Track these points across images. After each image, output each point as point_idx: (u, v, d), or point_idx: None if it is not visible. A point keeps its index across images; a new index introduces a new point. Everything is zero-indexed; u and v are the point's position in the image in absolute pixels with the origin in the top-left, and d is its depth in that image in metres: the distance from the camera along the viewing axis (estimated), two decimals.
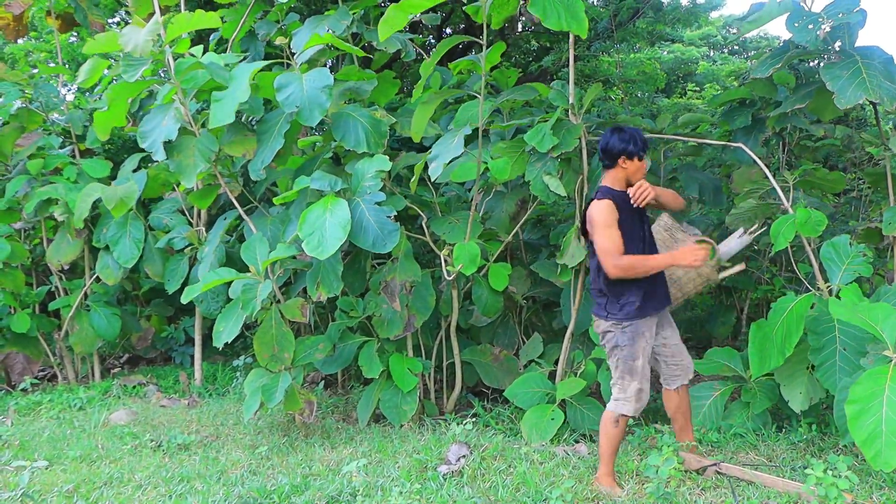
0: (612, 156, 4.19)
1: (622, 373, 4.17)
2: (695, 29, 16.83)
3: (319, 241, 4.77)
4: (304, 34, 5.97)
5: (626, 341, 4.13)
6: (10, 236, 7.08)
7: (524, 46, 13.01)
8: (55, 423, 6.09)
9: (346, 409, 6.37)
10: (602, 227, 4.03)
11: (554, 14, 4.25)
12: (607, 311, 4.18)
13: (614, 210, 4.06)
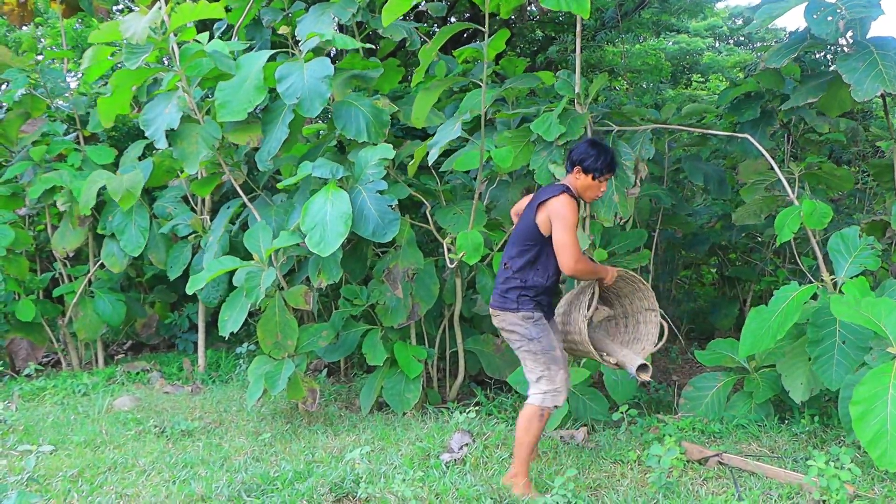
0: (572, 161, 4.16)
1: (546, 364, 4.03)
2: (700, 20, 16.75)
3: (321, 236, 4.79)
4: (309, 22, 5.96)
5: (539, 332, 4.04)
6: (14, 223, 7.08)
7: (529, 36, 12.96)
8: (59, 409, 6.11)
9: (349, 397, 6.39)
10: (568, 223, 3.93)
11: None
12: (518, 303, 4.06)
13: (576, 210, 4.01)
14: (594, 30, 11.74)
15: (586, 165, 4.09)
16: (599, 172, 4.10)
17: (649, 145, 5.36)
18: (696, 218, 8.10)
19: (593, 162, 4.08)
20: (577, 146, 4.19)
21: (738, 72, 14.95)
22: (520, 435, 4.03)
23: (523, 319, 4.05)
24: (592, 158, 4.08)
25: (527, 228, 4.10)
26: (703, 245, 8.00)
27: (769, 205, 6.18)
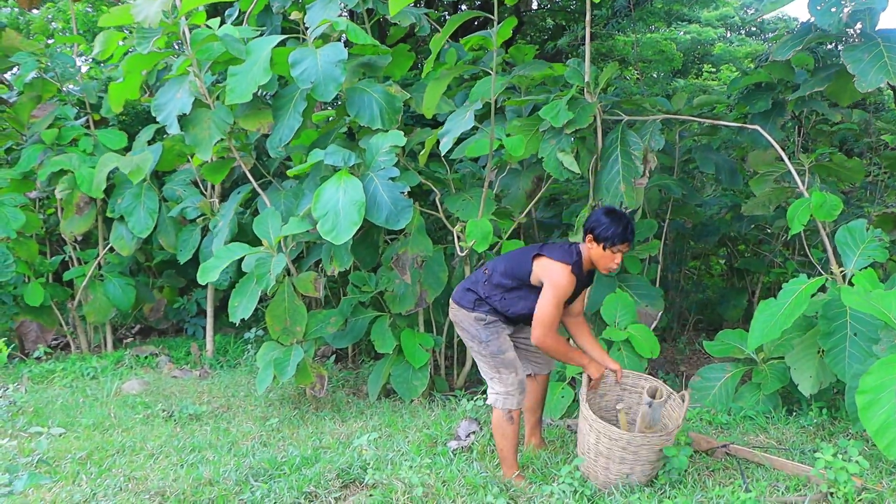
0: (585, 229, 3.99)
1: (496, 367, 3.99)
2: (712, 9, 16.67)
3: (334, 224, 4.77)
4: (319, 8, 5.94)
5: (489, 336, 4.00)
6: (24, 206, 7.10)
7: (539, 24, 12.93)
8: (68, 392, 6.15)
9: (357, 384, 6.41)
10: (554, 293, 3.84)
11: None
12: (474, 305, 4.03)
13: (572, 286, 3.92)
14: (605, 19, 11.68)
15: (597, 234, 3.88)
16: (611, 242, 3.86)
17: (659, 136, 5.35)
18: (706, 209, 8.08)
19: (604, 230, 3.85)
20: (593, 213, 4.01)
21: (749, 62, 14.87)
22: (497, 440, 4.05)
23: (475, 321, 4.02)
24: (604, 227, 3.86)
25: (523, 266, 4.00)
26: (713, 236, 7.97)
27: (779, 196, 6.15)
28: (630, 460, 3.85)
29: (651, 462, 3.90)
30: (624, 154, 5.22)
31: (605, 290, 5.70)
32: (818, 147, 7.23)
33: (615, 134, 5.30)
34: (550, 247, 4.04)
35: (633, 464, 3.86)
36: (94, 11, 11.81)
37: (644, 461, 3.87)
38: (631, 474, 3.86)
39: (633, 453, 3.83)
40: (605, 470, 3.89)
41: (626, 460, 3.85)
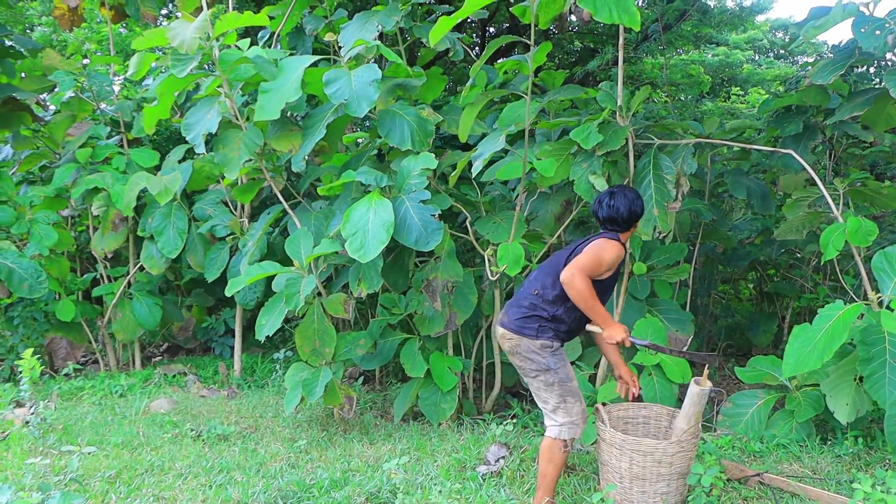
0: (636, 217, 4.12)
1: (562, 396, 3.91)
2: (740, 32, 16.60)
3: (362, 242, 4.77)
4: (353, 30, 5.98)
5: (557, 363, 3.92)
6: (56, 224, 7.17)
7: (567, 47, 12.93)
8: (97, 409, 6.17)
9: (384, 406, 6.39)
10: (598, 255, 3.89)
11: (605, 9, 4.20)
12: (538, 332, 3.93)
13: (619, 259, 3.96)
14: (635, 42, 11.67)
15: (637, 211, 4.11)
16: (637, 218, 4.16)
17: (691, 160, 5.31)
18: (736, 233, 8.02)
19: (640, 207, 4.13)
20: (627, 205, 4.09)
21: (778, 85, 14.80)
22: (543, 466, 3.94)
23: (541, 349, 3.92)
24: (638, 205, 4.11)
25: (560, 263, 3.99)
26: (743, 260, 7.91)
27: (812, 221, 6.09)
28: (666, 475, 3.82)
29: (683, 475, 3.89)
30: (656, 178, 5.19)
31: (636, 314, 5.67)
32: (849, 170, 7.16)
33: (647, 158, 5.28)
34: (585, 239, 4.08)
35: (669, 479, 3.83)
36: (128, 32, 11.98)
37: (678, 474, 3.84)
38: (668, 493, 3.83)
39: (669, 465, 3.81)
40: (641, 494, 3.86)
41: (663, 476, 3.82)
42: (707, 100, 14.76)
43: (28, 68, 7.70)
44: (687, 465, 3.89)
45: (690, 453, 3.90)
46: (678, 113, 11.36)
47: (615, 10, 4.17)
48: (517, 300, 4.08)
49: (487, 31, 12.69)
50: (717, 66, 15.24)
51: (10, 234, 6.98)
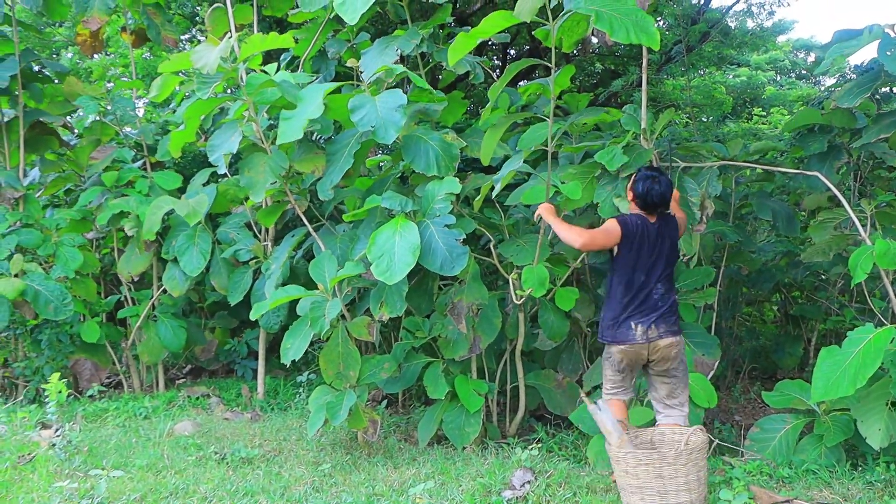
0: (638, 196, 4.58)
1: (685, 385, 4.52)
2: (761, 53, 16.59)
3: (388, 264, 4.79)
4: (374, 54, 6.03)
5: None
6: (82, 246, 7.23)
7: (588, 69, 12.96)
8: (121, 431, 6.18)
9: (408, 429, 6.37)
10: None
11: (622, 29, 4.20)
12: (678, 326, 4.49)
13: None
14: (659, 64, 11.68)
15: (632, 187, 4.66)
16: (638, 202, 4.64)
17: (716, 182, 5.30)
18: (761, 255, 7.97)
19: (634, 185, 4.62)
20: (668, 187, 4.53)
21: (800, 105, 14.75)
22: None
23: (681, 339, 4.49)
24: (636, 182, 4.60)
25: (674, 247, 4.60)
26: (768, 282, 7.86)
27: (838, 243, 6.04)
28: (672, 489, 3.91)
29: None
30: (681, 200, 5.17)
31: None
32: (875, 192, 7.10)
33: (672, 180, 5.26)
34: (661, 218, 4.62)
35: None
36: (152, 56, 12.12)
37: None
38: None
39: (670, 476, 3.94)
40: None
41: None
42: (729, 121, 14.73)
43: (51, 94, 7.80)
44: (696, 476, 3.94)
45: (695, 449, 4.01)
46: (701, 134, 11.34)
47: (633, 30, 4.17)
48: (661, 305, 4.44)
49: (508, 53, 12.75)
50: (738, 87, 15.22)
51: (37, 256, 7.04)
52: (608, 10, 4.21)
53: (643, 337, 4.37)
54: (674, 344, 4.39)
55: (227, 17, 6.60)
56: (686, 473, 3.93)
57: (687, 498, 3.91)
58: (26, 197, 7.37)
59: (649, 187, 4.46)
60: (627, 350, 4.42)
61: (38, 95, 7.60)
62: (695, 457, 3.98)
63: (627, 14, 4.21)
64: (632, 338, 4.39)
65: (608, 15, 4.20)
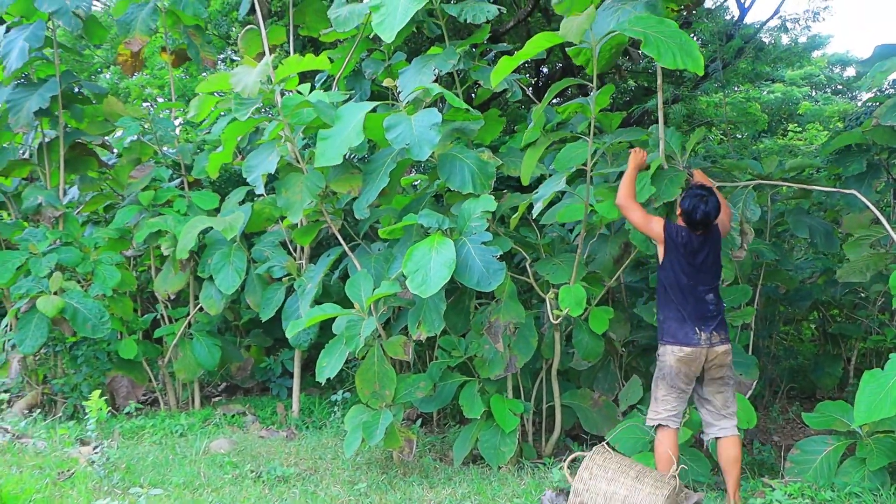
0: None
1: (734, 394, 4.66)
2: (796, 68, 16.45)
3: (423, 278, 4.82)
4: (411, 74, 6.05)
5: None
6: (119, 264, 7.31)
7: (621, 86, 12.93)
8: (158, 449, 6.22)
9: (443, 448, 6.35)
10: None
11: (668, 53, 4.21)
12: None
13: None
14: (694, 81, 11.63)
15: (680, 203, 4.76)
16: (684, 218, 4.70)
17: (754, 205, 5.26)
18: (798, 273, 7.88)
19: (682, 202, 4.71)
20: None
21: (837, 121, 14.60)
22: (738, 462, 4.55)
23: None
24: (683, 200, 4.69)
25: (717, 259, 4.71)
26: (806, 301, 7.76)
27: (877, 262, 5.96)
28: None
29: None
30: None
31: None
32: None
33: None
34: (709, 230, 4.70)
35: None
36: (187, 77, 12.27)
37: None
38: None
39: None
40: None
41: None
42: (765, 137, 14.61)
43: (91, 114, 7.93)
44: None
45: None
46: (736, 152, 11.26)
47: (679, 54, 4.18)
48: (714, 312, 4.58)
49: (541, 70, 12.75)
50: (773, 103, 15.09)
51: (76, 273, 7.13)
52: (654, 33, 4.23)
53: (707, 342, 4.47)
54: (729, 351, 4.54)
55: (261, 38, 6.67)
56: None
57: None
58: (66, 216, 7.48)
59: (696, 205, 4.51)
60: (687, 356, 4.47)
61: (79, 115, 7.74)
62: None
63: (672, 37, 4.23)
64: (696, 341, 4.47)
65: (655, 38, 4.21)
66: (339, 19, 6.36)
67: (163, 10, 7.85)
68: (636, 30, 4.28)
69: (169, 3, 7.87)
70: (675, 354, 4.50)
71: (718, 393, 4.60)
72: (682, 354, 4.47)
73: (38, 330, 6.69)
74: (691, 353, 4.45)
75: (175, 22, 8.00)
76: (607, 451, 4.39)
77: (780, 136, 15.68)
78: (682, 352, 4.47)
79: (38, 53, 7.43)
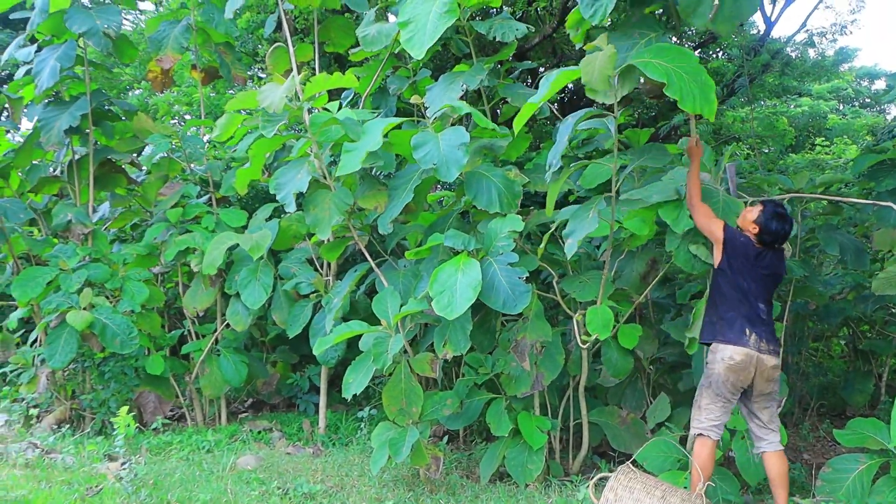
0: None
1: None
2: (824, 82, 16.33)
3: (449, 300, 4.82)
4: (438, 91, 6.07)
5: None
6: (147, 280, 7.37)
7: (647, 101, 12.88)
8: (185, 465, 6.23)
9: (469, 466, 6.32)
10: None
11: (690, 97, 4.24)
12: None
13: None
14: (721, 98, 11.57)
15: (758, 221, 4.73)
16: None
17: None
18: (828, 289, 7.79)
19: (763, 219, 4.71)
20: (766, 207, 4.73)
21: (865, 135, 14.47)
22: (786, 477, 4.63)
23: None
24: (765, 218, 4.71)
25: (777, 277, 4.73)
26: (835, 317, 7.66)
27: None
28: None
29: None
30: None
31: None
32: None
33: None
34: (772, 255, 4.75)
35: None
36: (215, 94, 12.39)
37: None
38: None
39: None
40: None
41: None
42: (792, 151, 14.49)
43: (120, 131, 8.01)
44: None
45: None
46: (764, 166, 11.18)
47: (699, 99, 4.22)
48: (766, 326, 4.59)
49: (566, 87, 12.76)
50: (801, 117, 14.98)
51: (104, 289, 7.20)
52: (675, 67, 4.22)
53: (755, 346, 4.46)
54: (778, 366, 4.52)
55: (289, 56, 6.72)
56: None
57: None
58: (95, 233, 7.55)
59: (781, 227, 4.63)
60: (737, 364, 4.46)
61: (109, 133, 7.83)
62: None
63: (693, 75, 4.23)
64: (745, 342, 4.46)
65: (678, 78, 4.21)
66: (367, 38, 6.41)
67: (193, 28, 7.94)
68: (658, 65, 4.27)
69: (200, 21, 7.95)
70: (724, 362, 4.48)
71: (766, 408, 4.63)
72: (733, 362, 4.45)
73: (67, 345, 6.74)
74: (741, 361, 4.44)
75: (205, 39, 8.09)
76: (632, 470, 4.35)
77: (808, 150, 15.56)
78: (733, 359, 4.45)
79: (69, 72, 7.52)
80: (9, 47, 7.65)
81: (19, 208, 7.33)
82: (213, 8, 7.93)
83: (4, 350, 7.96)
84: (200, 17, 7.96)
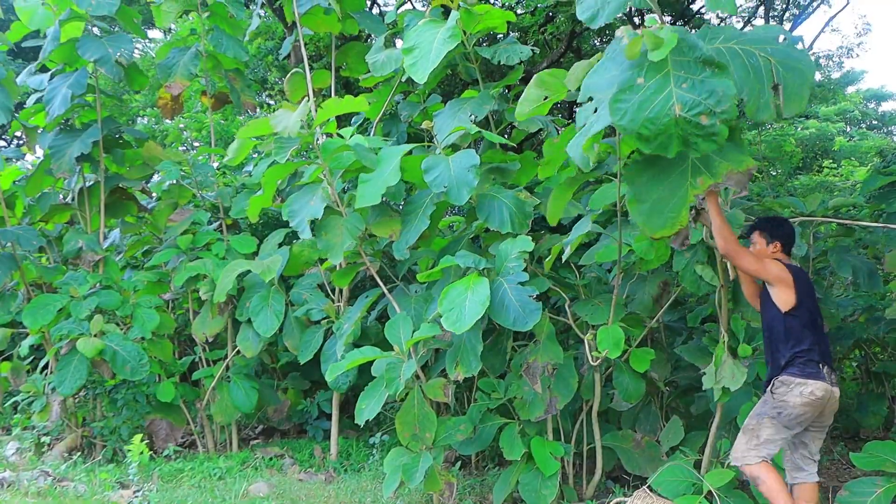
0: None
1: None
2: (831, 104, 16.35)
3: (458, 315, 4.85)
4: (446, 118, 6.11)
5: None
6: (158, 307, 7.38)
7: None
8: (197, 492, 6.20)
9: (482, 491, 6.28)
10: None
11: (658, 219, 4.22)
12: None
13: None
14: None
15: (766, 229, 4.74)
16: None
17: (800, 241, 5.19)
18: (839, 311, 7.76)
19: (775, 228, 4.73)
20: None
21: (873, 156, 14.46)
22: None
23: None
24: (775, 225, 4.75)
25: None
26: (847, 339, 7.62)
27: None
28: None
29: None
30: None
31: (742, 397, 5.49)
32: None
33: None
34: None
35: None
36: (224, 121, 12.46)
37: None
38: None
39: None
40: None
41: None
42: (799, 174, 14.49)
43: (130, 158, 8.06)
44: None
45: None
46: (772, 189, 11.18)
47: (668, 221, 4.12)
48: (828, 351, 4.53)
49: (574, 110, 12.80)
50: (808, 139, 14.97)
51: (115, 316, 7.21)
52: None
53: (829, 379, 4.39)
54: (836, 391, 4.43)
55: (306, 82, 6.76)
56: None
57: None
58: (105, 259, 7.57)
59: (788, 226, 4.71)
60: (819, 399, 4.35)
61: (120, 160, 7.88)
62: None
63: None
64: (822, 377, 4.37)
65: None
66: (376, 64, 6.46)
67: (203, 54, 8.00)
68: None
69: (210, 47, 8.01)
70: (803, 397, 4.32)
71: (819, 438, 4.58)
72: (814, 398, 4.31)
73: (77, 371, 6.76)
74: (822, 397, 4.32)
75: (215, 66, 8.15)
76: (648, 495, 4.33)
77: (815, 172, 15.55)
78: (814, 395, 4.30)
79: (80, 100, 7.59)
80: (20, 75, 7.73)
81: (32, 235, 7.36)
82: (223, 34, 8.00)
83: (15, 378, 7.95)
84: (210, 43, 8.02)
